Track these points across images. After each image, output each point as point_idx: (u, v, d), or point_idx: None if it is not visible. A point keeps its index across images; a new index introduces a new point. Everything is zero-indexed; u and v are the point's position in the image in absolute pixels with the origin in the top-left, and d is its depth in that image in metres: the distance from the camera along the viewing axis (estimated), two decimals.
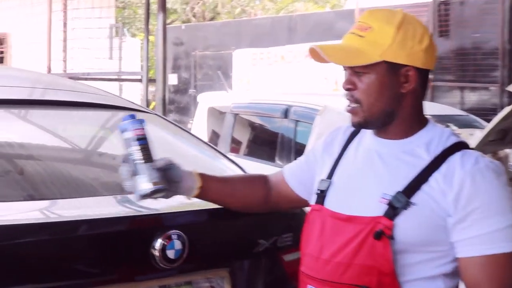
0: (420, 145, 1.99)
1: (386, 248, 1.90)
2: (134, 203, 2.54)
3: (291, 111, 6.68)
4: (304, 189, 2.27)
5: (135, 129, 2.15)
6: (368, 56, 1.94)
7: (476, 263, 1.87)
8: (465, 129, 5.79)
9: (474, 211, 1.87)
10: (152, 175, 2.12)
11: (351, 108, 2.00)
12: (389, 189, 1.94)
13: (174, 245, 2.28)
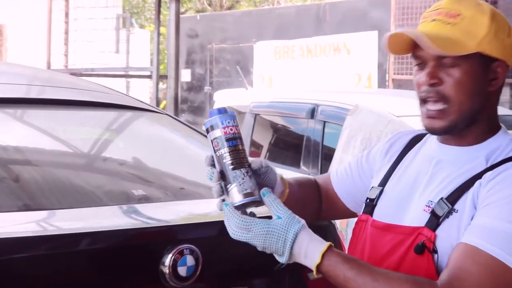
0: (483, 153, 1.97)
1: (429, 264, 1.88)
2: (142, 214, 2.55)
3: (318, 111, 6.67)
4: (353, 200, 2.26)
5: (224, 126, 1.93)
6: (463, 46, 1.91)
7: (462, 249, 1.83)
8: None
9: (497, 202, 1.83)
10: (244, 184, 1.90)
11: (435, 111, 1.95)
12: (435, 197, 1.94)
13: (186, 261, 2.28)
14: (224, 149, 1.91)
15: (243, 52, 14.87)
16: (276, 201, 1.86)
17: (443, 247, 1.88)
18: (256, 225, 1.83)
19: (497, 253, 1.80)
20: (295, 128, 7.31)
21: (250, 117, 7.55)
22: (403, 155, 2.14)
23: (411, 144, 2.15)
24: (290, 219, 1.83)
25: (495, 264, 1.80)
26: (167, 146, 3.43)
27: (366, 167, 2.25)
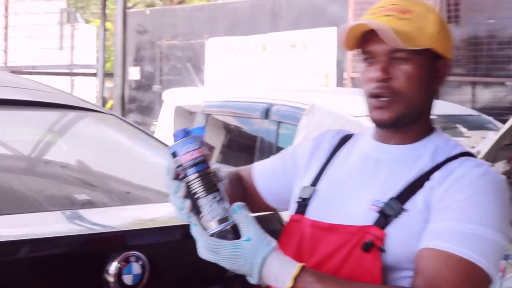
0: (425, 152, 2.06)
1: (375, 262, 1.93)
2: (85, 220, 2.55)
3: (273, 111, 6.69)
4: (275, 197, 2.31)
5: (185, 153, 1.89)
6: (419, 40, 1.99)
7: (432, 256, 1.89)
8: (477, 131, 5.83)
9: (456, 204, 1.92)
10: (213, 212, 1.87)
11: (386, 101, 2.01)
12: (382, 196, 1.99)
13: (132, 269, 2.28)
14: (187, 178, 1.89)
15: (194, 49, 14.84)
16: (247, 219, 1.86)
17: (392, 246, 1.93)
18: (223, 248, 1.84)
19: (468, 254, 1.87)
20: (249, 128, 7.33)
21: (202, 117, 7.55)
22: (333, 154, 2.19)
23: (341, 143, 2.22)
24: (259, 241, 1.84)
25: (468, 266, 1.87)
26: (113, 148, 3.42)
27: (290, 165, 2.29)
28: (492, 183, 1.96)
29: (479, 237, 1.89)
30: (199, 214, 1.87)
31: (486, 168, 1.99)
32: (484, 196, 1.93)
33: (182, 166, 1.89)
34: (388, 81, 2.01)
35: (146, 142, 3.39)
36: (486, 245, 1.90)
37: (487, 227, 1.90)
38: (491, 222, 1.91)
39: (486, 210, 1.92)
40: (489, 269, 1.89)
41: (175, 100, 8.52)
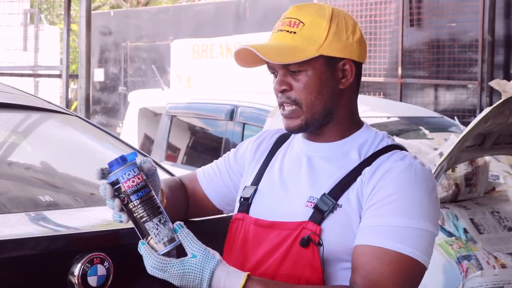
0: (353, 147, 2.14)
1: (314, 256, 2.01)
2: (50, 221, 2.53)
3: (238, 112, 6.70)
4: (222, 199, 2.38)
5: (126, 180, 1.93)
6: (305, 51, 2.08)
7: (368, 253, 1.97)
8: (439, 133, 5.87)
9: (386, 200, 2.00)
10: (160, 234, 1.92)
11: (289, 111, 2.12)
12: (316, 192, 2.08)
13: (97, 271, 2.26)
14: (131, 203, 1.94)
15: (159, 51, 14.81)
16: (189, 237, 1.93)
17: (328, 240, 2.02)
18: (171, 267, 1.90)
19: (401, 248, 1.96)
20: (214, 130, 7.34)
21: (167, 118, 7.54)
22: (272, 154, 2.28)
23: (279, 143, 2.30)
24: (205, 257, 1.91)
25: (402, 259, 1.96)
26: (77, 149, 3.39)
27: (234, 166, 2.37)
28: (417, 175, 2.03)
29: (410, 229, 1.98)
30: (147, 236, 1.93)
31: (410, 161, 2.06)
32: (411, 189, 2.01)
33: (126, 193, 1.93)
34: (287, 92, 2.11)
35: (111, 143, 3.37)
36: (418, 236, 1.98)
37: (416, 219, 1.98)
38: (420, 213, 1.99)
39: (414, 202, 2.00)
40: (422, 259, 1.99)
41: (140, 101, 8.50)
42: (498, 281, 4.11)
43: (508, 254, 4.28)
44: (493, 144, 4.56)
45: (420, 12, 10.78)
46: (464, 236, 4.31)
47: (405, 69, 10.72)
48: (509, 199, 4.86)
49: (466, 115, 9.95)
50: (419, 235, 1.98)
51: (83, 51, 8.02)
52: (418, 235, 1.98)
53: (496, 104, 4.16)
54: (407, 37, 10.78)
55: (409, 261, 1.96)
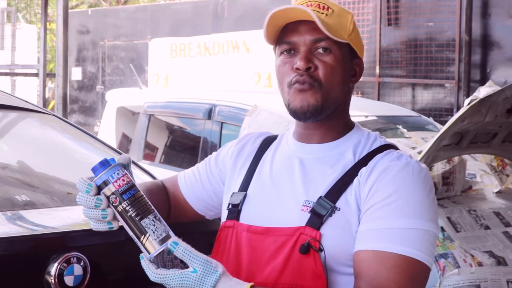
0: (347, 148, 2.09)
1: (316, 263, 1.94)
2: (26, 221, 2.52)
3: (216, 111, 6.69)
4: (202, 205, 2.32)
5: (116, 179, 1.88)
6: (340, 33, 2.04)
7: (370, 258, 1.92)
8: (417, 132, 5.89)
9: (384, 201, 1.95)
10: (158, 230, 1.86)
11: (308, 85, 2.02)
12: (312, 196, 2.01)
13: (74, 270, 2.25)
14: (124, 202, 1.87)
15: (137, 50, 14.77)
16: (186, 253, 1.81)
17: (329, 245, 1.95)
18: (170, 279, 1.81)
19: (403, 250, 1.91)
20: (192, 129, 7.32)
21: (144, 118, 7.52)
22: (259, 157, 2.21)
23: (265, 146, 2.24)
24: (206, 271, 1.80)
25: (406, 262, 1.91)
26: (54, 149, 3.38)
27: (215, 171, 2.30)
28: (414, 174, 1.99)
29: (411, 230, 1.92)
30: (143, 236, 1.85)
31: (407, 160, 2.02)
32: (409, 189, 1.96)
33: (117, 192, 1.87)
34: (310, 71, 2.03)
35: (88, 142, 3.36)
36: (419, 237, 1.93)
37: (416, 219, 1.93)
38: (419, 213, 1.94)
39: (413, 202, 1.95)
40: (426, 260, 1.94)
41: (118, 100, 8.48)
42: (475, 279, 4.12)
43: (484, 252, 4.30)
44: (470, 143, 4.58)
45: (397, 11, 10.81)
46: (441, 234, 4.33)
47: (383, 68, 10.75)
48: (485, 197, 4.89)
49: (443, 114, 9.99)
50: (421, 236, 1.93)
51: (60, 50, 7.99)
52: (420, 236, 1.93)
53: (473, 103, 4.17)
54: (385, 36, 10.81)
55: (413, 263, 1.91)
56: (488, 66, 10.01)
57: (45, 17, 8.52)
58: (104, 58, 15.61)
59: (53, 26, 15.02)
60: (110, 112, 8.41)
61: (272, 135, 2.29)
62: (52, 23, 15.58)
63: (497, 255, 4.31)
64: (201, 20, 13.82)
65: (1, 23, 13.34)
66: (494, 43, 9.96)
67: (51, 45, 17.75)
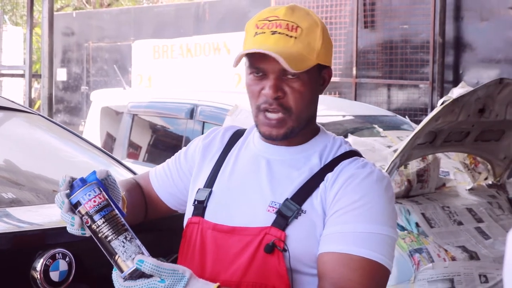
0: (313, 152, 2.08)
1: (280, 263, 1.94)
2: (12, 217, 2.51)
3: (198, 111, 6.68)
4: (174, 200, 2.30)
5: (87, 201, 1.84)
6: (308, 59, 2.00)
7: (334, 260, 1.92)
8: (392, 131, 5.90)
9: (350, 207, 1.95)
10: (127, 251, 1.81)
11: (277, 119, 2.01)
12: (278, 197, 2.00)
13: (59, 266, 2.25)
14: (94, 224, 1.83)
15: (121, 51, 14.74)
16: (153, 267, 1.77)
17: (294, 246, 1.95)
18: None
19: (366, 253, 1.91)
20: (174, 128, 7.30)
21: (128, 117, 7.50)
22: (226, 154, 2.18)
23: (232, 142, 2.21)
24: (174, 279, 1.77)
25: (369, 264, 1.91)
26: (40, 148, 3.37)
27: (184, 166, 2.28)
28: (377, 182, 1.99)
29: (374, 235, 1.93)
30: (114, 255, 1.82)
31: (371, 168, 2.02)
32: (373, 196, 1.97)
33: (88, 213, 1.83)
34: (279, 99, 2.00)
35: (73, 141, 3.35)
36: (381, 241, 1.94)
37: (379, 225, 1.94)
38: (382, 220, 1.95)
39: (376, 209, 1.96)
40: (387, 264, 1.94)
41: (102, 100, 8.45)
42: (448, 273, 4.14)
43: (457, 247, 4.31)
44: (444, 142, 4.60)
45: (373, 14, 10.83)
46: (416, 230, 4.34)
47: (360, 70, 10.77)
48: (458, 194, 4.91)
49: (418, 113, 10.02)
50: (383, 240, 1.94)
51: (46, 51, 7.95)
52: (382, 240, 1.93)
53: (446, 103, 4.19)
54: (361, 38, 10.83)
55: (376, 266, 1.91)
56: (461, 67, 10.05)
57: (31, 20, 8.48)
58: (89, 60, 15.56)
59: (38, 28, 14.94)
60: (95, 112, 8.38)
61: (240, 129, 2.25)
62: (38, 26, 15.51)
63: (469, 249, 4.33)
64: (183, 23, 13.80)
65: None
66: (466, 45, 10.01)
67: (37, 47, 17.68)
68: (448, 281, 4.12)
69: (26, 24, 8.62)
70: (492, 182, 5.13)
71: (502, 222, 4.76)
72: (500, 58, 9.62)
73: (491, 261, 4.32)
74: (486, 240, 4.50)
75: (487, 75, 9.54)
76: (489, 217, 4.73)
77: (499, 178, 5.13)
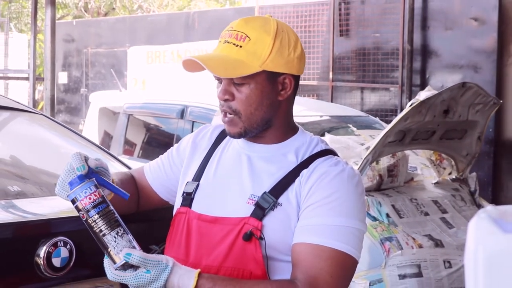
0: (290, 150, 2.08)
1: (257, 250, 1.96)
2: (18, 208, 2.50)
3: (188, 112, 6.68)
4: (167, 192, 2.31)
5: (83, 198, 1.87)
6: (249, 66, 1.99)
7: (307, 250, 1.93)
8: (365, 130, 5.91)
9: (322, 201, 1.96)
10: (118, 245, 1.84)
11: (229, 119, 2.04)
12: (257, 190, 2.02)
13: (60, 253, 2.25)
14: (90, 219, 1.86)
15: (117, 56, 14.69)
16: (140, 260, 1.82)
17: (269, 235, 1.96)
18: (127, 280, 1.83)
19: (337, 245, 1.93)
20: (166, 127, 7.29)
21: (124, 117, 7.48)
22: (213, 150, 2.20)
23: (219, 139, 2.22)
24: (158, 271, 1.82)
25: (338, 255, 1.93)
26: (43, 145, 3.36)
27: (176, 160, 2.29)
28: (348, 179, 2.00)
29: (344, 228, 1.94)
30: (106, 249, 1.85)
31: (343, 166, 2.03)
32: (344, 192, 1.98)
33: (84, 209, 1.86)
34: (229, 102, 2.03)
35: (73, 139, 3.34)
36: (350, 234, 1.95)
37: (349, 218, 1.95)
38: (352, 214, 1.96)
39: (347, 204, 1.97)
40: (355, 255, 1.96)
41: (100, 102, 8.43)
42: (416, 259, 4.16)
43: (424, 236, 4.33)
44: (412, 140, 4.62)
45: (348, 23, 10.84)
46: (387, 220, 4.36)
47: (336, 74, 10.78)
48: (425, 187, 4.93)
49: (389, 114, 10.04)
50: (352, 233, 1.95)
51: (48, 56, 7.92)
52: (352, 233, 1.95)
53: (414, 105, 4.21)
54: (337, 45, 10.84)
55: (345, 257, 1.93)
56: (427, 72, 10.08)
57: (35, 27, 8.44)
58: (88, 64, 15.50)
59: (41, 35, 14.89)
60: (93, 112, 8.36)
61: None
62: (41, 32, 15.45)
63: (435, 238, 4.35)
64: (174, 30, 13.77)
65: None
66: (432, 52, 10.03)
67: (40, 52, 17.60)
68: (415, 267, 4.14)
69: (31, 31, 8.57)
70: (455, 176, 5.15)
71: (465, 213, 4.78)
72: (463, 64, 9.65)
73: (454, 248, 4.34)
74: (450, 229, 4.52)
75: (451, 79, 9.57)
76: (453, 208, 4.76)
77: (462, 173, 5.16)
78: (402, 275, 4.09)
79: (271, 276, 1.98)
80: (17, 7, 19.75)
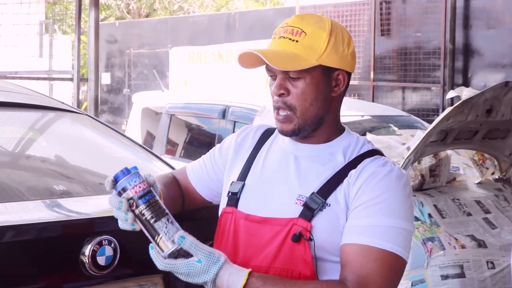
0: (338, 150, 2.07)
1: (306, 251, 1.95)
2: (63, 207, 2.52)
3: (229, 112, 6.69)
4: (209, 192, 2.30)
5: (133, 186, 1.90)
6: (306, 60, 1.99)
7: (356, 251, 1.93)
8: (407, 129, 5.88)
9: (371, 202, 1.95)
10: (169, 231, 1.87)
11: (284, 116, 2.03)
12: (305, 191, 2.00)
13: (105, 251, 2.26)
14: (140, 207, 1.89)
15: (159, 57, 14.78)
16: (192, 246, 1.83)
17: (318, 236, 1.95)
18: (178, 268, 1.83)
19: (385, 245, 1.92)
20: (208, 127, 7.32)
21: (166, 117, 7.52)
22: (257, 150, 2.19)
23: (263, 139, 2.21)
24: (209, 262, 1.83)
25: (387, 256, 1.92)
26: (87, 144, 3.39)
27: (219, 160, 2.28)
28: (397, 180, 1.99)
29: (393, 229, 1.93)
30: (156, 236, 1.86)
31: (391, 167, 2.02)
32: (392, 192, 1.97)
33: (133, 198, 1.89)
34: (284, 97, 2.02)
35: (117, 139, 3.37)
36: (399, 234, 1.94)
37: (397, 219, 1.94)
38: (401, 214, 1.95)
39: (395, 204, 1.96)
40: (404, 255, 1.95)
41: (142, 102, 8.48)
42: (458, 259, 4.12)
43: (467, 236, 4.29)
44: (454, 140, 4.58)
45: (389, 23, 10.79)
46: (429, 220, 4.32)
47: (377, 74, 10.74)
48: (468, 187, 4.88)
49: (430, 114, 9.97)
50: (401, 233, 1.94)
51: (92, 57, 7.99)
52: (400, 233, 1.94)
53: (456, 104, 4.17)
54: (378, 45, 10.79)
55: (394, 257, 1.92)
56: (469, 71, 9.99)
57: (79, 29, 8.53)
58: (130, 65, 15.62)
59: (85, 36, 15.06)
60: (136, 112, 8.41)
61: (270, 127, 2.26)
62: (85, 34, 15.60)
63: (478, 238, 4.30)
64: (215, 31, 13.82)
65: (40, 34, 13.36)
66: (475, 51, 9.94)
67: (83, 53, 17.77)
68: (458, 267, 4.10)
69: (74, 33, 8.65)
70: (498, 176, 5.09)
71: (508, 213, 4.73)
72: (505, 63, 9.55)
73: (497, 248, 4.29)
74: (493, 230, 4.47)
75: (493, 78, 9.47)
76: (496, 209, 4.70)
77: (505, 173, 5.10)
78: (445, 275, 4.06)
79: (320, 276, 1.97)
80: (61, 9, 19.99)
